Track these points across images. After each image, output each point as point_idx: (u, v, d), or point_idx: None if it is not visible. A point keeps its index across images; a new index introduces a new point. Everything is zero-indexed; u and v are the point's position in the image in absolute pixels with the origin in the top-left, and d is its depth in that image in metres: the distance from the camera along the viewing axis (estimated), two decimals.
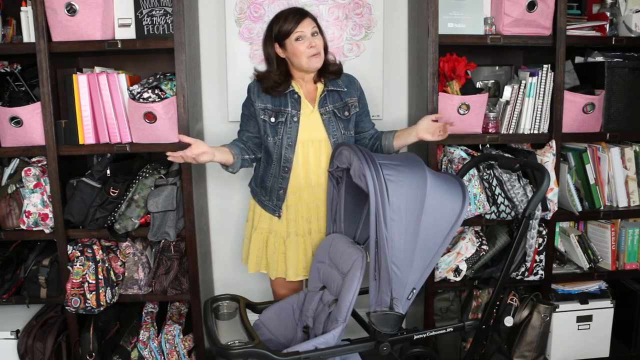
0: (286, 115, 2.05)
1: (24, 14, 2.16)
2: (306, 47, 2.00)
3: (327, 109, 2.09)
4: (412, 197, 1.62)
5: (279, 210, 2.10)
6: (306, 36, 2.00)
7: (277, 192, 2.09)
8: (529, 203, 1.90)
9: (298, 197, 2.09)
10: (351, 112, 2.12)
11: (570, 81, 2.50)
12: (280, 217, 2.10)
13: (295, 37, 2.00)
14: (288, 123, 2.04)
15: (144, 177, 2.31)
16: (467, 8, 2.30)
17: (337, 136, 2.08)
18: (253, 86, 2.10)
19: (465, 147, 2.42)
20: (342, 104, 2.11)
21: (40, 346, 2.30)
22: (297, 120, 2.05)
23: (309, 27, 2.00)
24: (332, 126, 2.08)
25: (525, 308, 2.44)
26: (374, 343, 1.71)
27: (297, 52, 2.01)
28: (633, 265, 2.52)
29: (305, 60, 2.01)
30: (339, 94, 2.12)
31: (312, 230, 2.13)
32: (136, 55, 2.52)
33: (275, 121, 2.05)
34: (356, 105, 2.14)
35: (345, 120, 2.11)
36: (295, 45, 2.01)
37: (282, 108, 2.05)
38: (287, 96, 2.06)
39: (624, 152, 2.47)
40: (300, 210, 2.11)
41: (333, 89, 2.11)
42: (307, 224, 2.12)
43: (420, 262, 1.65)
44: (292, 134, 2.04)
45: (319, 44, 2.02)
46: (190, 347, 2.42)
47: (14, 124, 2.20)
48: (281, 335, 1.99)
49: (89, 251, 2.28)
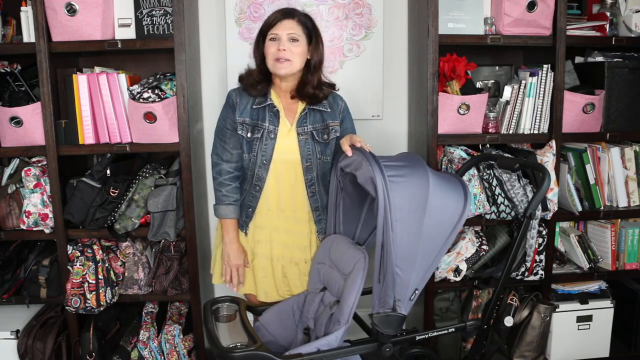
0: (262, 130, 1.92)
1: (24, 14, 2.16)
2: (275, 50, 1.87)
3: (305, 129, 1.95)
4: (414, 197, 1.62)
5: (245, 227, 2.02)
6: (280, 38, 1.87)
7: (246, 210, 2.01)
8: (530, 203, 1.89)
9: (268, 219, 2.00)
10: (330, 136, 1.97)
11: (570, 81, 2.50)
12: (246, 234, 2.03)
13: (270, 36, 1.90)
14: (264, 140, 1.92)
15: (144, 177, 2.30)
16: (467, 8, 2.30)
17: (311, 160, 1.95)
18: (235, 96, 1.98)
19: (465, 147, 2.42)
20: (322, 126, 1.97)
21: (40, 346, 2.30)
22: (273, 137, 1.92)
23: (286, 30, 1.87)
24: (308, 149, 1.95)
25: (525, 308, 2.44)
26: (376, 344, 1.71)
27: (267, 52, 1.91)
28: (633, 265, 2.52)
29: (271, 62, 1.89)
30: (322, 114, 1.98)
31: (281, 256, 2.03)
32: (136, 55, 2.52)
33: (252, 137, 1.93)
34: (337, 129, 1.99)
35: (323, 144, 1.97)
36: (267, 45, 1.91)
37: (259, 122, 1.93)
38: (265, 110, 1.95)
39: (624, 152, 2.47)
40: (270, 234, 2.01)
41: (315, 107, 1.97)
42: (276, 249, 2.02)
43: (422, 262, 1.65)
44: (267, 151, 1.93)
45: (292, 50, 1.87)
46: (190, 347, 2.42)
47: (14, 124, 2.19)
48: (281, 337, 1.99)
49: (89, 251, 2.27)
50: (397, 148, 2.73)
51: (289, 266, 2.04)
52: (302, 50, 1.91)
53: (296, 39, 1.88)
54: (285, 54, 1.87)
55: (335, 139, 1.99)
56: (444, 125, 2.32)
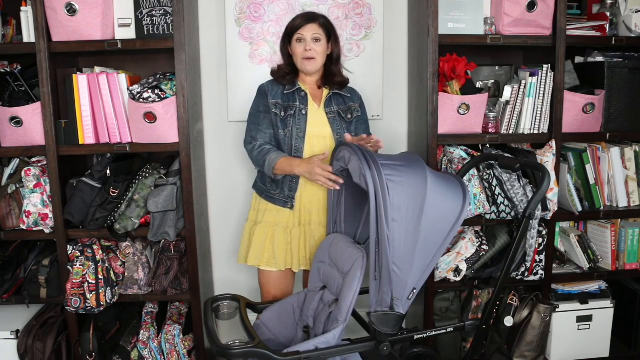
0: (295, 109, 2.14)
1: (24, 14, 2.16)
2: (302, 50, 2.13)
3: (332, 109, 2.19)
4: (412, 196, 1.62)
5: (291, 200, 2.15)
6: (306, 40, 2.12)
7: (289, 183, 2.14)
8: (529, 203, 1.89)
9: (303, 187, 2.15)
10: (353, 115, 2.22)
11: (570, 81, 2.50)
12: (292, 207, 2.15)
13: (296, 37, 2.14)
14: (297, 116, 2.13)
15: (144, 177, 2.31)
16: (467, 8, 2.30)
17: (340, 134, 2.15)
18: (267, 85, 2.21)
19: (465, 147, 2.42)
20: (346, 107, 2.22)
21: (40, 346, 2.30)
22: (305, 113, 2.14)
23: (310, 31, 2.12)
24: (337, 125, 2.17)
25: (525, 308, 2.44)
26: (374, 343, 1.71)
27: (295, 52, 2.16)
28: (633, 265, 2.52)
29: (299, 61, 2.15)
30: (343, 98, 2.23)
31: (312, 221, 2.18)
32: (136, 55, 2.52)
33: (285, 115, 2.13)
34: (358, 110, 2.24)
35: (347, 122, 2.20)
36: (294, 46, 2.16)
37: (290, 103, 2.15)
38: (294, 93, 2.17)
39: (624, 152, 2.47)
40: (304, 202, 2.16)
41: (338, 92, 2.22)
42: (308, 215, 2.17)
43: (420, 262, 1.65)
44: (302, 126, 2.13)
45: (317, 50, 2.13)
46: (190, 347, 2.42)
47: (14, 124, 2.19)
48: (281, 335, 1.99)
49: (89, 251, 2.27)
50: (397, 148, 2.73)
51: (318, 230, 2.18)
52: (324, 48, 2.17)
53: (319, 39, 2.14)
54: (311, 53, 2.13)
55: (356, 119, 2.23)
56: (444, 125, 2.32)
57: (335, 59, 2.23)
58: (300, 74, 2.22)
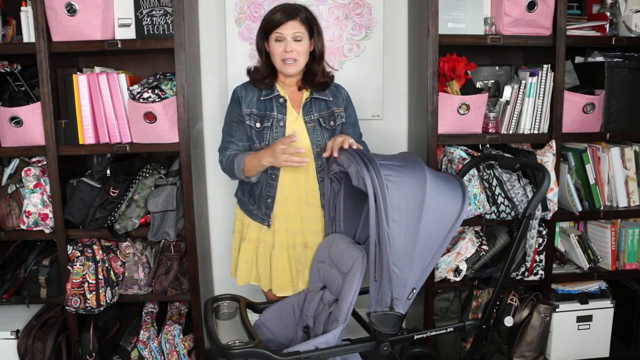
0: (272, 119, 1.99)
1: (24, 14, 2.16)
2: (282, 50, 1.93)
3: (312, 117, 2.03)
4: (411, 197, 1.62)
5: (267, 219, 2.05)
6: (285, 39, 1.93)
7: (265, 201, 2.04)
8: (529, 203, 1.89)
9: (284, 207, 2.04)
10: (337, 122, 2.06)
11: (570, 81, 2.50)
12: (269, 226, 2.05)
13: (274, 36, 1.94)
14: (274, 128, 1.98)
15: (144, 177, 2.31)
16: (467, 8, 2.30)
17: (320, 146, 2.01)
18: (240, 90, 2.04)
19: (465, 147, 2.42)
20: (328, 113, 2.05)
21: (40, 346, 2.30)
22: (283, 125, 1.98)
23: (291, 30, 1.92)
24: (317, 135, 2.02)
25: (525, 308, 2.44)
26: (374, 343, 1.71)
27: (273, 52, 1.96)
28: (633, 265, 2.52)
29: (278, 62, 1.97)
30: (326, 102, 2.06)
31: (296, 244, 2.07)
32: (136, 55, 2.52)
33: (261, 126, 1.99)
34: (342, 115, 2.07)
35: (330, 130, 2.04)
36: (273, 45, 1.96)
37: (267, 113, 1.99)
38: (272, 100, 2.01)
39: (624, 152, 2.47)
40: (285, 222, 2.05)
41: (318, 96, 2.04)
42: (292, 237, 2.07)
43: (420, 262, 1.65)
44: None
45: (298, 50, 1.94)
46: (190, 347, 2.43)
47: (14, 124, 2.20)
48: (281, 335, 1.99)
49: (89, 251, 2.28)
50: (397, 148, 2.73)
51: (304, 252, 2.07)
52: (306, 48, 1.98)
53: (300, 39, 1.94)
54: (292, 55, 1.94)
55: (341, 125, 2.07)
56: (444, 125, 2.32)
57: (318, 56, 2.02)
58: (279, 75, 2.04)
